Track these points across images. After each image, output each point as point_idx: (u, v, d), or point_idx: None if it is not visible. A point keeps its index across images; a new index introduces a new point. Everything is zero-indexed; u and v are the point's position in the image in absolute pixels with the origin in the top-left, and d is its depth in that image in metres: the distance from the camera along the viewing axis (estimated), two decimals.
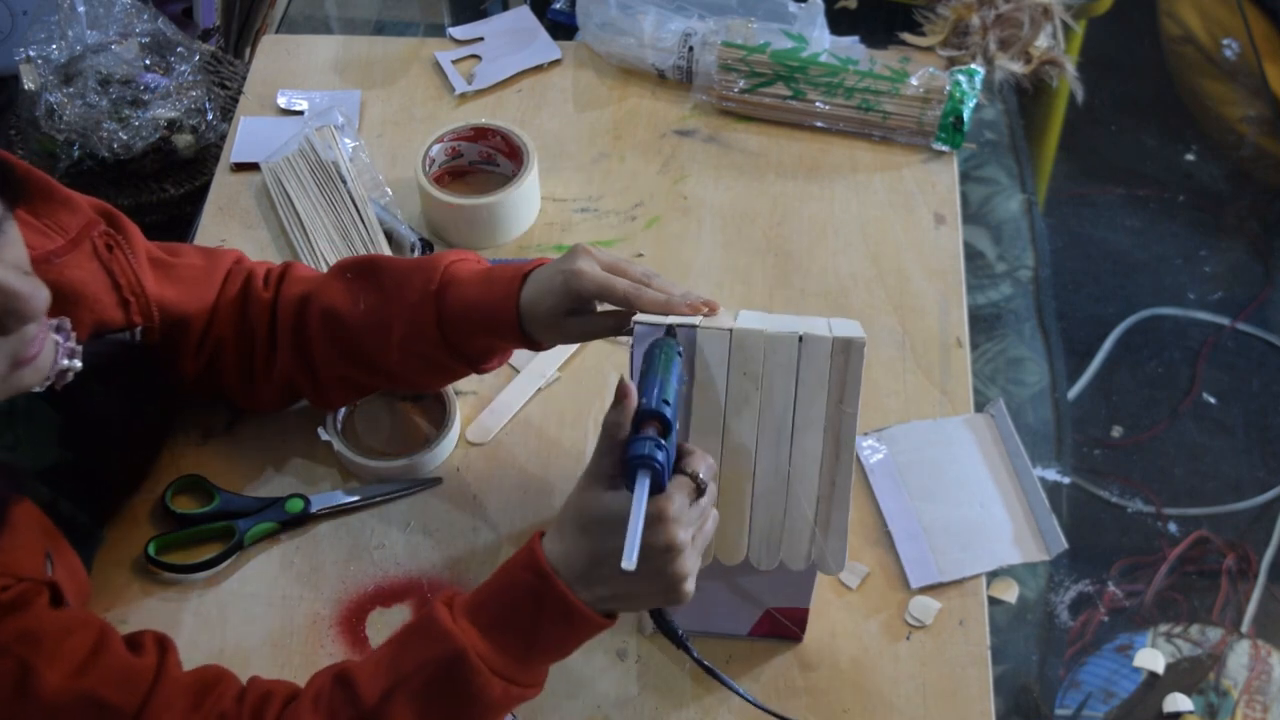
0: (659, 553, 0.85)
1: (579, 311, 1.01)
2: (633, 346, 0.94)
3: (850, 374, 0.93)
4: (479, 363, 1.09)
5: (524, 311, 1.02)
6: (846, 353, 0.92)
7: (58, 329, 0.92)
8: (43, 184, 1.02)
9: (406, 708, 0.89)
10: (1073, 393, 1.39)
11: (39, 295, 0.84)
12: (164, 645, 0.94)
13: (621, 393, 0.86)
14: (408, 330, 1.06)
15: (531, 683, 0.92)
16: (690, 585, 0.87)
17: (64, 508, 1.01)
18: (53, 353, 0.90)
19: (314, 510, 1.15)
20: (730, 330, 0.92)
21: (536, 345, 1.05)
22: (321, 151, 1.39)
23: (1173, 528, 1.29)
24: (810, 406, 0.93)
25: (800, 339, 0.92)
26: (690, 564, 0.87)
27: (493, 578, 0.92)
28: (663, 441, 0.84)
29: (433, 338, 1.06)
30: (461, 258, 1.08)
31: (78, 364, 0.93)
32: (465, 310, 1.04)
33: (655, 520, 0.84)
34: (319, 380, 1.13)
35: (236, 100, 1.55)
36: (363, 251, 1.33)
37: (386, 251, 1.31)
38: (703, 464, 0.88)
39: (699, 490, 0.87)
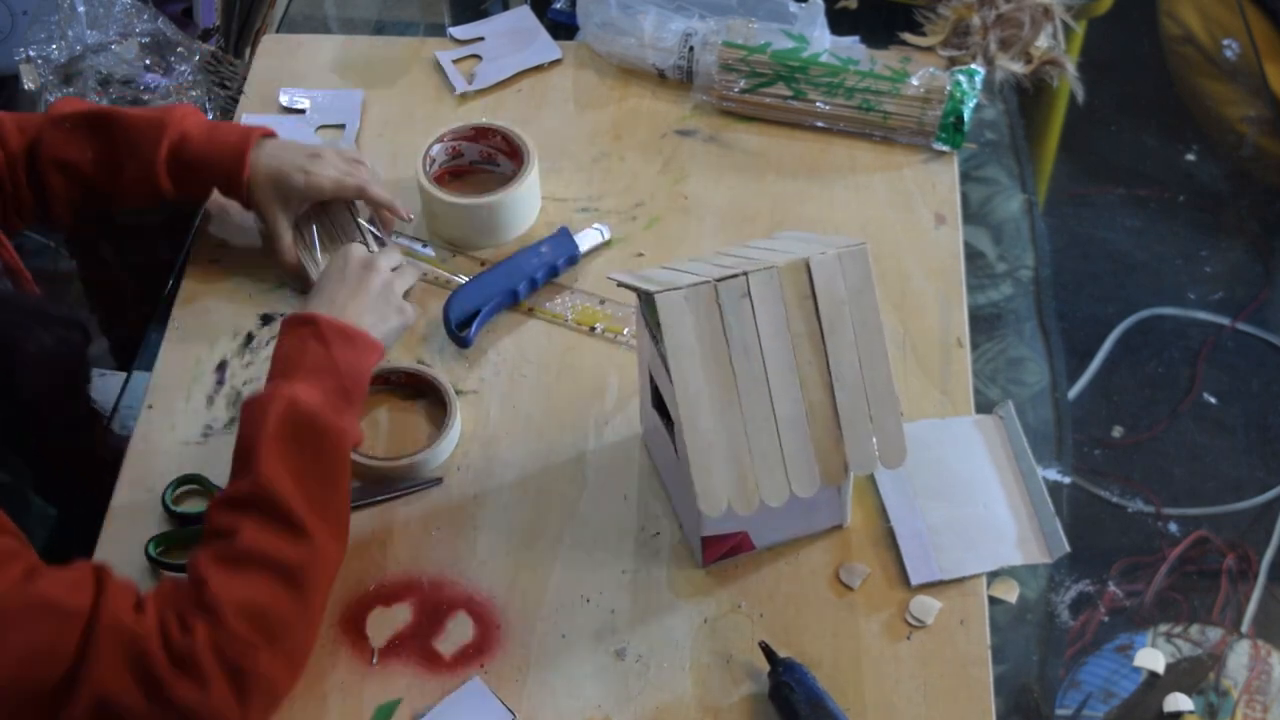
0: (370, 271, 1.17)
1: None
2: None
3: (862, 280, 1.00)
4: (200, 201, 1.35)
5: (253, 181, 1.26)
6: (852, 261, 0.99)
7: None
8: None
9: (278, 466, 1.01)
10: (1073, 393, 1.39)
11: None
12: (96, 563, 0.97)
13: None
14: (138, 177, 1.25)
15: (350, 414, 1.07)
16: (405, 305, 1.19)
17: None
18: None
19: None
20: (745, 275, 0.99)
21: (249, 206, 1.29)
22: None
23: (1173, 528, 1.29)
24: (836, 322, 1.00)
25: (808, 265, 0.99)
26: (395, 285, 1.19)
27: (275, 357, 1.10)
28: None
29: (164, 188, 1.27)
30: (190, 112, 1.29)
31: None
32: (200, 173, 1.27)
33: (362, 266, 1.17)
34: (56, 214, 1.29)
35: (236, 100, 1.55)
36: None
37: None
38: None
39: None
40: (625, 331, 1.29)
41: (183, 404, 1.24)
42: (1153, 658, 1.19)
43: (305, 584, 0.99)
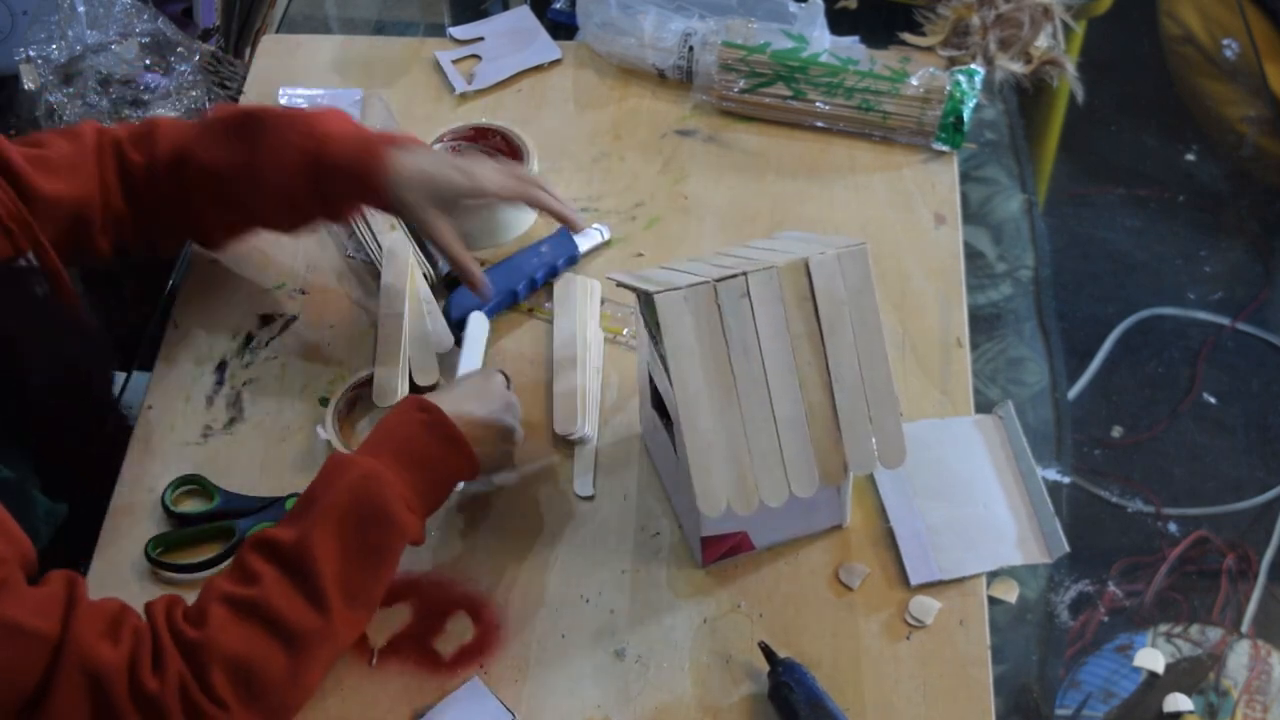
0: (504, 435, 1.12)
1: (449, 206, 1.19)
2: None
3: (861, 280, 1.00)
4: (341, 218, 1.25)
5: (395, 183, 1.16)
6: (852, 261, 1.00)
7: None
8: None
9: (329, 543, 0.98)
10: (1073, 393, 1.39)
11: None
12: (71, 579, 0.94)
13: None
14: (280, 184, 1.17)
15: (421, 514, 1.04)
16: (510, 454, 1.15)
17: None
18: None
19: None
20: (745, 275, 0.98)
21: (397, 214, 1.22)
22: None
23: (1173, 528, 1.29)
24: (835, 322, 1.00)
25: (808, 265, 0.99)
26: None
27: (377, 428, 1.07)
28: None
29: (305, 192, 1.18)
30: (336, 115, 1.20)
31: None
32: (339, 172, 1.17)
33: (502, 398, 1.13)
34: (205, 228, 1.25)
35: (236, 100, 1.55)
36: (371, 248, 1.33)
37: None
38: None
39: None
40: (625, 332, 1.29)
41: (183, 404, 1.24)
42: (1153, 658, 1.19)
43: (306, 654, 0.97)
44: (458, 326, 1.26)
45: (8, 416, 1.04)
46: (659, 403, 1.10)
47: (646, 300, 1.01)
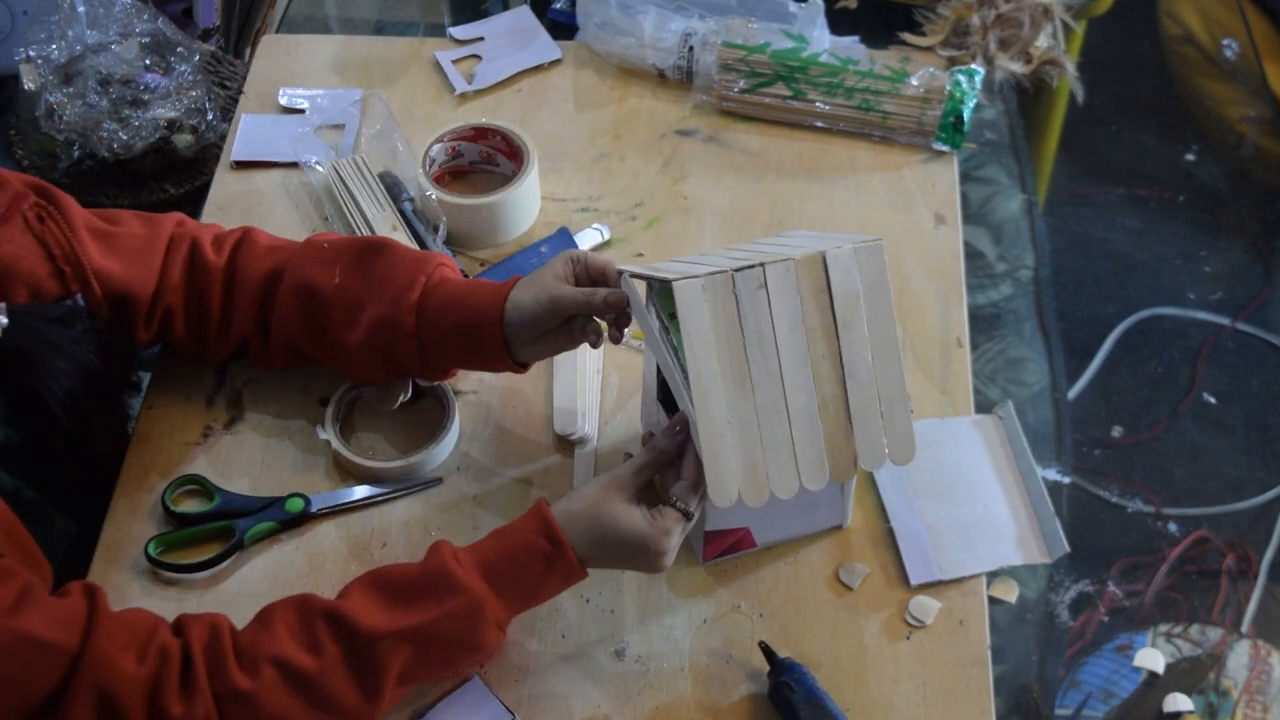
0: (654, 555, 1.00)
1: (556, 326, 1.09)
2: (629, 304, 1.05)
3: (877, 276, 1.00)
4: (437, 372, 1.16)
5: (509, 325, 1.08)
6: (868, 256, 1.00)
7: None
8: None
9: (405, 649, 0.96)
10: (1073, 393, 1.39)
11: None
12: (91, 591, 0.94)
13: (676, 424, 1.01)
14: (380, 317, 1.11)
15: (507, 624, 1.01)
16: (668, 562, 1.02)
17: (5, 482, 1.02)
18: None
19: (314, 510, 1.15)
20: (762, 266, 0.98)
21: (516, 365, 1.12)
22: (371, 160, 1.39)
23: (1173, 528, 1.29)
24: (850, 316, 1.00)
25: (825, 259, 0.99)
26: (671, 558, 1.01)
27: (501, 540, 1.01)
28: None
29: (407, 333, 1.11)
30: (446, 263, 1.14)
31: (3, 319, 0.98)
32: (446, 311, 1.10)
33: (661, 534, 0.99)
34: (270, 347, 1.18)
35: (236, 100, 1.55)
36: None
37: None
38: (684, 491, 1.01)
39: (686, 516, 1.01)
40: (625, 331, 1.29)
41: (183, 404, 1.24)
42: (1153, 658, 1.19)
43: None
44: None
45: (36, 440, 1.05)
46: (665, 397, 1.10)
47: (663, 289, 1.01)
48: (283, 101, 1.50)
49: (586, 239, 1.35)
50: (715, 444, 0.99)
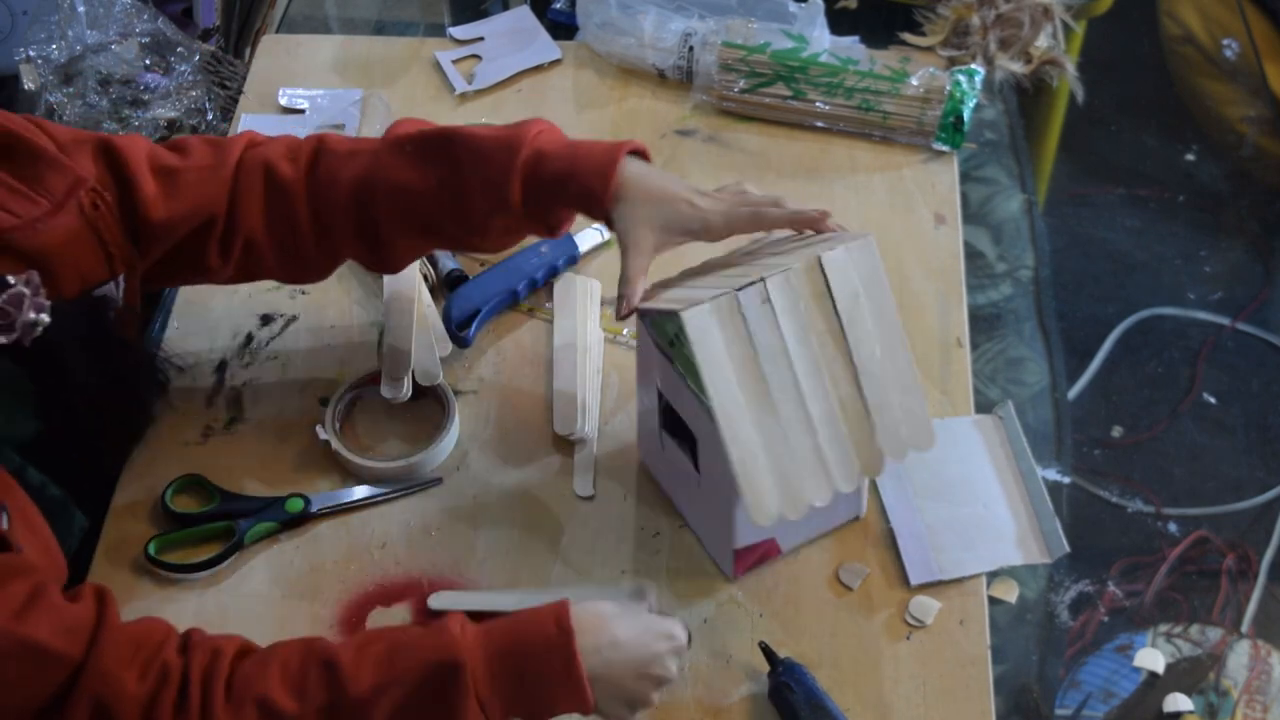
0: (655, 679, 0.96)
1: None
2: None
3: (872, 270, 1.00)
4: (557, 229, 1.12)
5: (624, 194, 1.06)
6: (861, 253, 1.00)
7: (27, 283, 0.93)
8: (27, 146, 1.00)
9: (389, 706, 0.90)
10: (1073, 393, 1.39)
11: None
12: (103, 596, 0.93)
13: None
14: (487, 203, 1.08)
15: (499, 715, 0.92)
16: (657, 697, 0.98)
17: (31, 476, 1.01)
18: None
19: (314, 510, 1.15)
20: (763, 281, 0.98)
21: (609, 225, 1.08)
22: None
23: (1173, 528, 1.29)
24: (854, 314, 1.00)
25: (821, 263, 0.99)
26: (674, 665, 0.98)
27: (514, 616, 0.95)
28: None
29: (516, 210, 1.08)
30: (545, 128, 1.10)
31: (45, 318, 0.94)
32: (554, 184, 1.07)
33: (666, 654, 0.96)
34: (382, 253, 1.14)
35: (236, 100, 1.55)
36: None
37: None
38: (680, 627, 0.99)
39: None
40: (625, 332, 1.29)
41: (183, 404, 1.24)
42: (1153, 658, 1.19)
43: None
44: (459, 328, 1.26)
45: (60, 435, 1.04)
46: (671, 424, 1.09)
47: (671, 319, 0.98)
48: (283, 101, 1.50)
49: (586, 239, 1.35)
50: (749, 466, 0.98)
